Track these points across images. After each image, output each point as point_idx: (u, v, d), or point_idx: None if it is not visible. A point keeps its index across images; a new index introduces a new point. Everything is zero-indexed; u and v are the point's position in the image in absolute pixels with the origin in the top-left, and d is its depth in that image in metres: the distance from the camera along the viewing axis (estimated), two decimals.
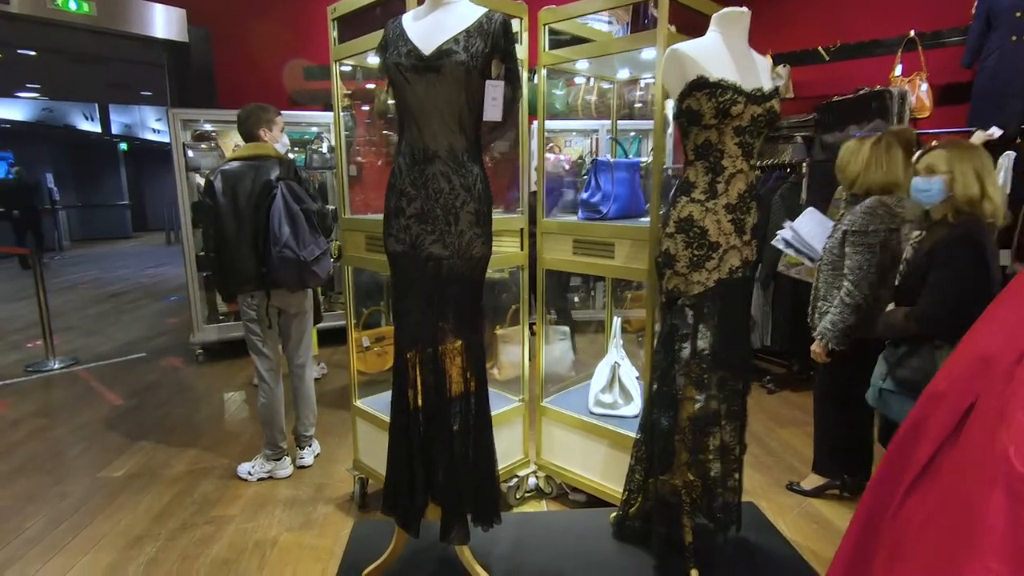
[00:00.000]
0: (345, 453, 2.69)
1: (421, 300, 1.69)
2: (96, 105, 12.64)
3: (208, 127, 4.77)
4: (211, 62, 4.88)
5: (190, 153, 4.42)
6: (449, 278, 1.64)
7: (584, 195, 2.28)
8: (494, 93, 1.48)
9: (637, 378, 2.49)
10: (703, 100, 1.51)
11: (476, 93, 1.51)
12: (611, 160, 2.28)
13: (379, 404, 2.43)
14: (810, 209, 2.50)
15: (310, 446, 2.89)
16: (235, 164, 2.53)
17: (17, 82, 9.07)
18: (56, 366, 4.52)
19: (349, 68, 2.34)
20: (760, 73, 1.61)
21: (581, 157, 5.41)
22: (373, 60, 2.22)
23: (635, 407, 2.34)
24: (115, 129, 14.38)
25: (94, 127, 13.87)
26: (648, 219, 2.29)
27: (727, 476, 1.84)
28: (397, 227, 1.62)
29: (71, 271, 9.93)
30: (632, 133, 5.49)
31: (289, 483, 2.70)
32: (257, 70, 4.95)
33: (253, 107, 2.64)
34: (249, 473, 2.72)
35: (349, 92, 4.77)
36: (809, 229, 2.37)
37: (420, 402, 1.76)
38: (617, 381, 2.34)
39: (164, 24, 4.51)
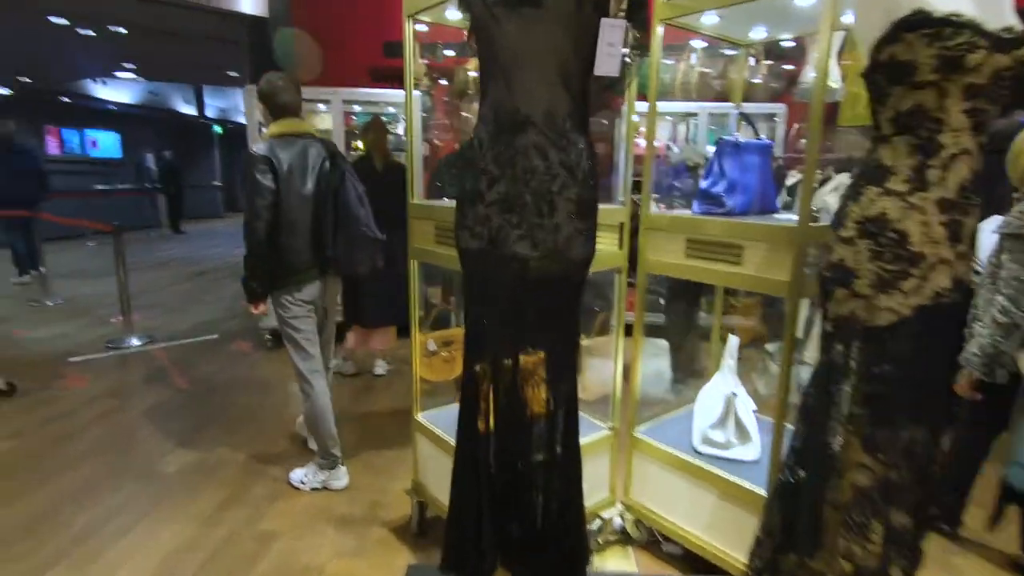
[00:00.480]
0: (405, 469, 2.40)
1: (500, 306, 1.33)
2: (192, 88, 13.23)
3: None
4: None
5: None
6: (539, 283, 1.27)
7: (704, 184, 1.84)
8: (612, 37, 1.08)
9: (755, 411, 2.03)
10: (918, 46, 1.04)
11: (588, 36, 1.12)
12: (739, 141, 1.82)
13: (444, 420, 2.11)
14: (995, 216, 1.95)
15: None
16: (283, 141, 2.28)
17: (115, 61, 9.53)
18: (134, 343, 4.56)
19: (425, 27, 2.01)
20: (1004, 5, 1.11)
21: (667, 146, 4.92)
22: (452, 15, 1.87)
23: (753, 450, 1.89)
24: (211, 113, 15.04)
25: (192, 110, 14.55)
26: (785, 215, 1.83)
27: (894, 563, 1.36)
28: (473, 217, 1.25)
29: (164, 247, 10.40)
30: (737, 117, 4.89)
31: (343, 497, 2.44)
32: (338, 46, 4.77)
33: (288, 76, 2.38)
34: (302, 482, 2.50)
35: (427, 69, 4.50)
36: (988, 238, 1.84)
37: (493, 426, 1.42)
38: (733, 416, 1.89)
39: None
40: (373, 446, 2.89)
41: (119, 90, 12.50)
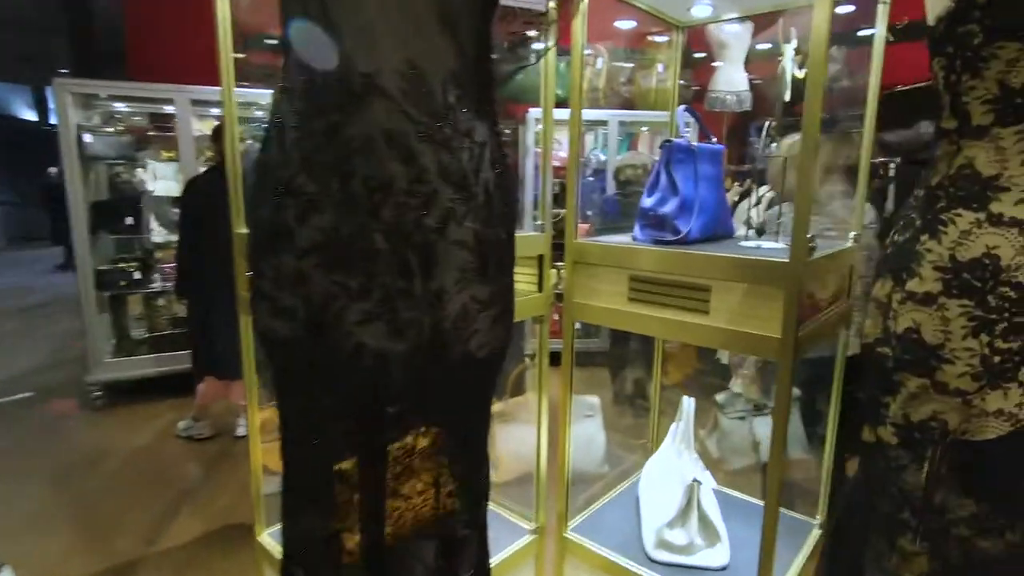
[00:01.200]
0: None
1: (344, 403, 0.78)
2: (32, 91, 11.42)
3: (119, 106, 3.77)
4: (121, 25, 3.83)
5: (88, 138, 3.41)
6: (414, 387, 0.72)
7: (648, 201, 1.37)
8: None
9: (715, 490, 1.59)
10: None
11: None
12: (693, 146, 1.37)
13: None
14: None
15: None
16: None
17: None
18: None
19: None
20: None
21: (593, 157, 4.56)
22: None
23: (722, 553, 1.43)
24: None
25: (35, 116, 12.63)
26: (752, 242, 1.40)
27: None
28: (275, 275, 0.66)
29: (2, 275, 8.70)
30: (644, 128, 4.64)
31: None
32: (185, 35, 3.93)
33: None
34: None
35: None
36: None
37: (356, 551, 0.88)
38: (696, 510, 1.43)
39: None
40: (221, 544, 2.18)
41: None
